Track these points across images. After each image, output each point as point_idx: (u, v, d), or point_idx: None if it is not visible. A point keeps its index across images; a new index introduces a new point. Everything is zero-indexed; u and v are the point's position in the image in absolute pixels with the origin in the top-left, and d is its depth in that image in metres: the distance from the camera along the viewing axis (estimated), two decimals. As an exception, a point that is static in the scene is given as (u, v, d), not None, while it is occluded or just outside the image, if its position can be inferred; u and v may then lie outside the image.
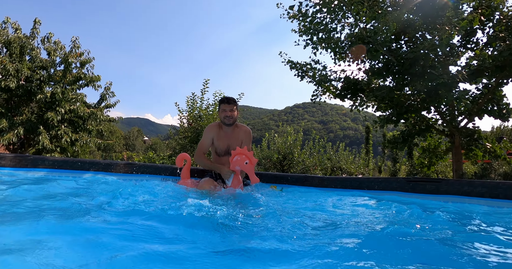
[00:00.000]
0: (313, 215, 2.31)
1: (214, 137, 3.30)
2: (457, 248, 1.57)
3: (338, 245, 1.58)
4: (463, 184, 3.69)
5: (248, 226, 1.89)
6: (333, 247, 1.55)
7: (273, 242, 1.57)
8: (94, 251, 1.36)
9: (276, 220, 2.03)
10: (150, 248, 1.42)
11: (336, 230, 1.89)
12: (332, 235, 1.77)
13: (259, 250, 1.44)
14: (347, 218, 2.24)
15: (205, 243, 1.56)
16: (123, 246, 1.43)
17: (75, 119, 10.72)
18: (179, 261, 1.30)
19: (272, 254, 1.41)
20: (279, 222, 1.98)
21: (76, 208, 2.17)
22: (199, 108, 10.27)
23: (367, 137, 26.85)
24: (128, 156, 17.93)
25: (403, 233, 1.78)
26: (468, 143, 6.75)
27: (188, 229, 1.81)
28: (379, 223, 2.18)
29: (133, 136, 64.69)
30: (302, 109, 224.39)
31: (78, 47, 10.77)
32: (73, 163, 3.96)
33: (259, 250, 1.44)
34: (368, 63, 6.24)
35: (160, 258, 1.32)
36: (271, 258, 1.37)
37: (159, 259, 1.30)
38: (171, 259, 1.32)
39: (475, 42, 6.00)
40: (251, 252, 1.41)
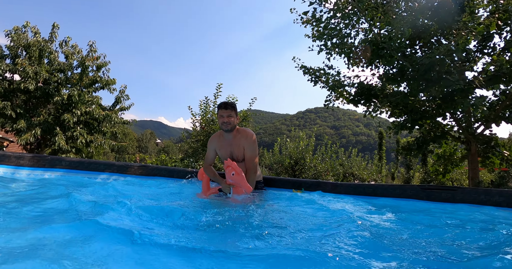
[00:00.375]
0: (324, 221, 2.29)
1: (216, 147, 3.26)
2: (473, 258, 1.54)
3: (346, 252, 1.57)
4: (479, 192, 3.62)
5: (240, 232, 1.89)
6: (343, 252, 1.54)
7: (273, 248, 1.57)
8: (101, 252, 1.38)
9: (273, 226, 2.01)
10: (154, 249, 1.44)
11: (346, 237, 1.87)
12: (343, 242, 1.75)
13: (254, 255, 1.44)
14: (359, 226, 2.22)
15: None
16: (129, 247, 1.45)
17: (90, 121, 10.95)
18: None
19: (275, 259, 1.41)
20: (277, 227, 1.96)
21: (85, 209, 2.21)
22: (212, 112, 10.34)
23: (380, 143, 26.54)
24: (141, 158, 18.14)
25: (416, 241, 1.76)
26: (484, 150, 6.60)
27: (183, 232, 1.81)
28: (392, 231, 2.15)
29: (146, 138, 65.48)
30: (314, 114, 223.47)
31: (95, 51, 11.03)
32: (88, 164, 4.03)
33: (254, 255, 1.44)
34: (382, 68, 6.18)
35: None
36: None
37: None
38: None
39: (492, 47, 5.90)
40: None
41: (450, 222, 2.56)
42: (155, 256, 1.36)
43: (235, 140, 3.24)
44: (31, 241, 1.43)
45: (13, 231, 1.57)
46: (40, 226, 1.67)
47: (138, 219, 1.99)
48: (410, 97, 5.63)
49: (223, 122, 3.14)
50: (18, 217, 1.88)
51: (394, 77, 5.41)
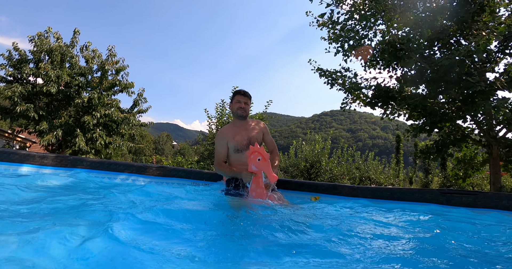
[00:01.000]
0: (341, 227, 2.28)
1: (228, 138, 3.03)
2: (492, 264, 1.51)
3: (363, 258, 1.56)
4: (502, 197, 3.53)
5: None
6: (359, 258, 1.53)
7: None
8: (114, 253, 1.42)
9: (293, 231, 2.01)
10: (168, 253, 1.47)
11: (362, 242, 1.86)
12: (358, 247, 1.74)
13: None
14: (376, 231, 2.20)
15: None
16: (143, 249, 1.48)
17: (109, 123, 11.21)
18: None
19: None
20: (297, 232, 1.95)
21: (103, 210, 2.26)
22: (228, 115, 10.42)
23: (397, 146, 26.07)
24: (157, 160, 18.40)
25: (434, 247, 1.73)
26: (507, 154, 6.40)
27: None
28: (409, 237, 2.12)
29: (162, 141, 66.39)
30: (329, 117, 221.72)
31: (114, 55, 11.30)
32: (108, 165, 4.12)
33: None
34: (400, 70, 6.10)
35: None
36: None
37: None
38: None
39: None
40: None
41: (471, 227, 2.51)
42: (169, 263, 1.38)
43: (251, 125, 3.18)
44: (38, 237, 1.47)
45: (26, 228, 1.62)
46: (51, 225, 1.72)
47: (154, 223, 2.02)
48: (429, 99, 5.53)
49: (240, 108, 3.05)
50: (37, 214, 1.94)
51: (412, 79, 5.33)
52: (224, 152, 3.05)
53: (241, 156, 3.01)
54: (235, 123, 3.15)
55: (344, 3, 5.70)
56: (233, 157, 3.06)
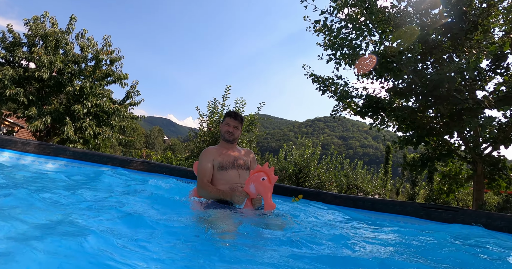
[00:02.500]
0: (316, 234, 2.27)
1: (214, 156, 2.79)
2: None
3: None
4: (481, 215, 3.56)
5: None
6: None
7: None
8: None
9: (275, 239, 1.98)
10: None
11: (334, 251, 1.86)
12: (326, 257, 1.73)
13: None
14: (352, 241, 2.19)
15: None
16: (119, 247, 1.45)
17: (100, 114, 11.09)
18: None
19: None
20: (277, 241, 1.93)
21: (82, 202, 2.23)
22: (219, 114, 10.38)
23: (387, 156, 26.24)
24: (147, 154, 18.25)
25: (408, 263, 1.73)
26: (491, 172, 6.49)
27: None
28: (384, 249, 2.13)
29: (154, 135, 65.95)
30: (323, 123, 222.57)
31: (110, 45, 11.18)
32: (92, 156, 4.08)
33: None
34: (391, 82, 6.15)
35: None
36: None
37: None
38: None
39: (506, 67, 5.81)
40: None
41: (446, 243, 2.53)
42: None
43: (239, 150, 2.98)
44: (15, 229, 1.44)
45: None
46: (26, 215, 1.68)
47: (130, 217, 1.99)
48: (418, 113, 5.58)
49: (228, 132, 2.86)
50: (10, 205, 1.90)
51: (402, 91, 5.38)
52: (210, 170, 2.74)
53: (225, 174, 2.72)
54: (222, 145, 2.94)
55: (340, 12, 5.73)
56: (216, 175, 2.75)
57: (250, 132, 11.08)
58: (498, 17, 5.72)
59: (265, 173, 2.32)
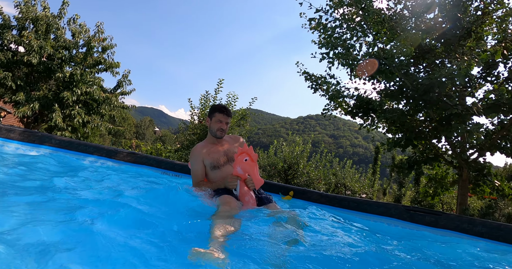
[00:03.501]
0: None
1: (204, 155, 2.76)
2: None
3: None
4: (463, 220, 3.60)
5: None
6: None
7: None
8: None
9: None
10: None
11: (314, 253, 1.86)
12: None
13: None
14: (334, 240, 2.20)
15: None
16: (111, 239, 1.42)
17: (89, 102, 10.92)
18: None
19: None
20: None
21: (66, 193, 2.19)
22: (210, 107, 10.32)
23: (376, 157, 26.50)
24: (136, 144, 18.09)
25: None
26: (476, 177, 6.59)
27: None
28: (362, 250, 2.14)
29: (144, 125, 65.39)
30: (314, 121, 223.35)
31: (102, 32, 10.97)
32: (78, 145, 4.01)
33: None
34: (383, 83, 6.18)
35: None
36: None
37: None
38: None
39: (496, 75, 5.89)
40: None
41: (428, 247, 2.55)
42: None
43: (227, 142, 2.94)
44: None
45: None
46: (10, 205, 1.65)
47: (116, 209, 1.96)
48: (407, 116, 5.63)
49: (221, 129, 2.79)
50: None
51: (393, 94, 5.41)
52: (202, 170, 2.75)
53: (219, 172, 2.73)
54: (210, 140, 2.88)
55: (335, 11, 5.71)
56: (210, 175, 2.77)
57: (241, 127, 11.07)
58: (492, 26, 5.77)
59: (246, 153, 2.47)
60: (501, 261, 2.48)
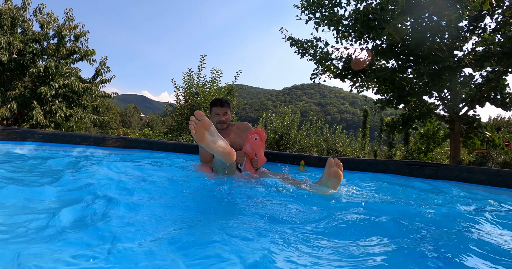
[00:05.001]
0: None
1: None
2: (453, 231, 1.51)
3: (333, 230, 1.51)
4: (462, 170, 3.64)
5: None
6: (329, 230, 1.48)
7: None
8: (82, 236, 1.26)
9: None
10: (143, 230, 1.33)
11: (330, 213, 1.82)
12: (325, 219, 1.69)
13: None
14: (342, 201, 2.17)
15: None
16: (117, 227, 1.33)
17: (69, 95, 10.53)
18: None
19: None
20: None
21: (57, 188, 2.07)
22: (195, 85, 10.10)
23: (364, 120, 26.75)
24: (124, 133, 17.81)
25: (397, 215, 1.71)
26: (467, 130, 6.65)
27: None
28: (372, 204, 2.12)
29: (129, 113, 64.28)
30: (300, 90, 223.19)
31: (72, 19, 10.43)
32: (63, 137, 3.84)
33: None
34: (370, 43, 6.05)
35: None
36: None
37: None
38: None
39: (483, 28, 5.80)
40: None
41: (432, 197, 2.56)
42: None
43: (233, 132, 3.08)
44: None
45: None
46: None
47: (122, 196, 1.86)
48: (398, 73, 5.55)
49: (220, 121, 2.95)
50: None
51: (384, 51, 5.30)
52: (208, 154, 2.91)
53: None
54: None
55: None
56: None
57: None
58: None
59: (257, 133, 2.77)
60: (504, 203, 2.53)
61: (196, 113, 2.15)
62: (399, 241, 1.37)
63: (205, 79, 10.28)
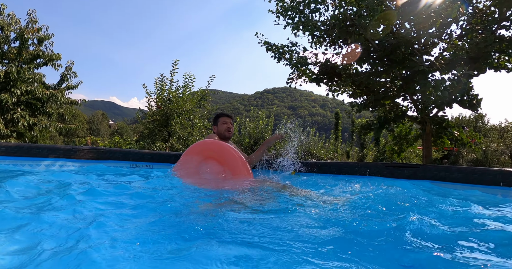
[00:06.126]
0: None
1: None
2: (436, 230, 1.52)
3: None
4: (440, 169, 3.74)
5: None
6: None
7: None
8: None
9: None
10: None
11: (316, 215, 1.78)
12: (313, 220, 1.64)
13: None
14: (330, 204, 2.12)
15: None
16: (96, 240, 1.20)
17: (33, 102, 9.95)
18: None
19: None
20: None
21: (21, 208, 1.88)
22: (168, 91, 9.87)
23: (336, 123, 27.24)
24: (92, 141, 17.12)
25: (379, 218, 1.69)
26: (437, 130, 6.88)
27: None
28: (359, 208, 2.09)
29: (97, 120, 62.10)
30: (272, 94, 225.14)
31: (36, 22, 9.90)
32: (29, 149, 3.56)
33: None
34: (345, 48, 6.14)
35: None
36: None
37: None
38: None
39: (449, 34, 6.05)
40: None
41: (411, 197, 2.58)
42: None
43: (232, 144, 3.40)
44: None
45: None
46: None
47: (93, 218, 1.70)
48: (373, 78, 5.66)
49: (229, 128, 3.39)
50: None
51: (361, 56, 5.38)
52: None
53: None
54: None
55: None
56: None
57: (202, 108, 10.75)
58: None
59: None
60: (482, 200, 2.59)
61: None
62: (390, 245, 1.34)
63: (177, 85, 10.08)
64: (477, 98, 5.97)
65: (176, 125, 8.92)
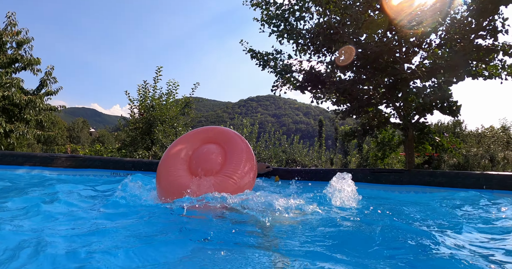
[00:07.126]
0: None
1: None
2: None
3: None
4: (424, 174, 3.77)
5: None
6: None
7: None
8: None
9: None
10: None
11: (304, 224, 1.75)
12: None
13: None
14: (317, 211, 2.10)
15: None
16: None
17: (9, 108, 9.61)
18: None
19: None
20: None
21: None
22: (151, 98, 9.72)
23: (320, 130, 27.55)
24: (72, 149, 16.66)
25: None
26: (419, 136, 7.01)
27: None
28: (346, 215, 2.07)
29: (78, 127, 60.59)
30: (255, 102, 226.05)
31: (15, 24, 9.63)
32: (2, 157, 3.40)
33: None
34: (329, 56, 6.22)
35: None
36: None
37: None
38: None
39: (429, 43, 6.21)
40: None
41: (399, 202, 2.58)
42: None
43: None
44: None
45: None
46: None
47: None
48: (356, 85, 5.73)
49: None
50: None
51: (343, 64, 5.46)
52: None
53: None
54: None
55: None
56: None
57: (186, 116, 10.64)
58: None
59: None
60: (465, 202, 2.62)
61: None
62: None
63: (161, 92, 9.95)
64: (457, 104, 6.11)
65: (159, 133, 8.78)
